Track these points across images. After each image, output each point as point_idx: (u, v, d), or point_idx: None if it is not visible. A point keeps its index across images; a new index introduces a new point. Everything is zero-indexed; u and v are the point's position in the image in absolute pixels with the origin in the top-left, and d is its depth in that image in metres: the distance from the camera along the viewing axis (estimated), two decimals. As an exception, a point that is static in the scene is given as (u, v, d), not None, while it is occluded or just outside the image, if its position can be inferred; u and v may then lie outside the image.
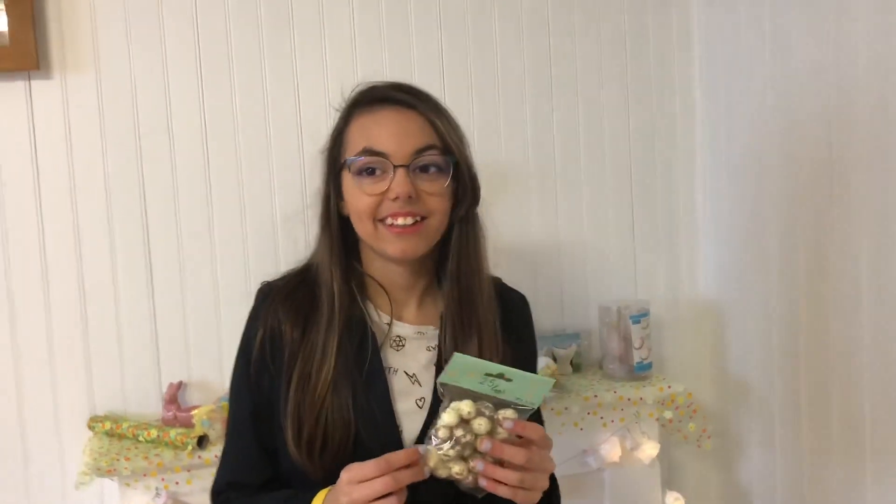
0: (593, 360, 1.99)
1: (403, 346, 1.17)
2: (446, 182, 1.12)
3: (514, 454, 0.97)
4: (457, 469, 0.96)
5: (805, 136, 1.70)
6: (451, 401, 0.99)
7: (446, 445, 0.96)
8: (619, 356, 1.86)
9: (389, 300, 1.18)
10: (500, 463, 0.97)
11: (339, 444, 1.08)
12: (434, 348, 1.18)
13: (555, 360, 1.87)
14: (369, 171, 1.11)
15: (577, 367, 1.93)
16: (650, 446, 1.81)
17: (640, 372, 1.85)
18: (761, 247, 1.86)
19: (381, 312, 1.18)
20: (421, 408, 1.14)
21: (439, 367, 1.15)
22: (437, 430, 0.97)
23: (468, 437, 0.96)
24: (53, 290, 1.67)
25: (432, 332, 1.19)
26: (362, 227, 1.13)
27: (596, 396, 1.76)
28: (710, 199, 2.05)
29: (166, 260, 1.73)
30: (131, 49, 1.69)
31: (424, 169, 1.11)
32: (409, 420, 1.13)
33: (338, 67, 1.81)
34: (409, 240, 1.11)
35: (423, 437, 1.08)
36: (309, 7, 1.79)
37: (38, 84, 1.65)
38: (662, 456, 1.85)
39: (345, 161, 1.13)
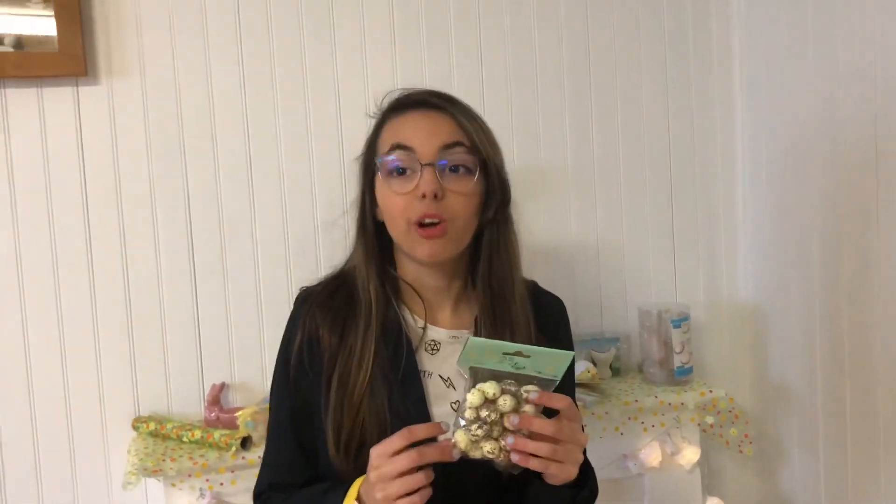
0: (632, 365, 1.98)
1: (438, 350, 1.18)
2: (473, 181, 1.12)
3: (543, 426, 0.96)
4: (488, 448, 0.96)
5: (849, 138, 1.67)
6: (474, 383, 0.99)
7: (474, 426, 0.96)
8: (659, 360, 1.85)
9: (423, 304, 1.18)
10: (531, 437, 0.97)
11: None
12: None
13: (594, 363, 1.87)
14: (399, 172, 1.12)
15: (616, 371, 1.93)
16: (691, 451, 1.80)
17: (680, 376, 1.83)
18: (803, 250, 1.83)
19: (415, 317, 1.19)
20: (456, 411, 1.12)
21: None
22: (462, 413, 0.97)
23: (494, 416, 0.96)
24: (99, 292, 1.70)
25: (467, 336, 1.17)
26: (395, 229, 1.14)
27: (636, 401, 1.75)
28: (750, 202, 2.03)
29: (210, 262, 1.75)
30: (176, 55, 1.72)
31: (453, 169, 1.11)
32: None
33: (377, 71, 1.82)
34: (435, 242, 1.11)
35: None
36: (350, 13, 1.80)
37: (85, 90, 1.68)
38: (703, 461, 1.83)
39: (377, 162, 1.14)
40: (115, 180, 1.70)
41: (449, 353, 1.17)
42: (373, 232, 1.18)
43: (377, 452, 0.98)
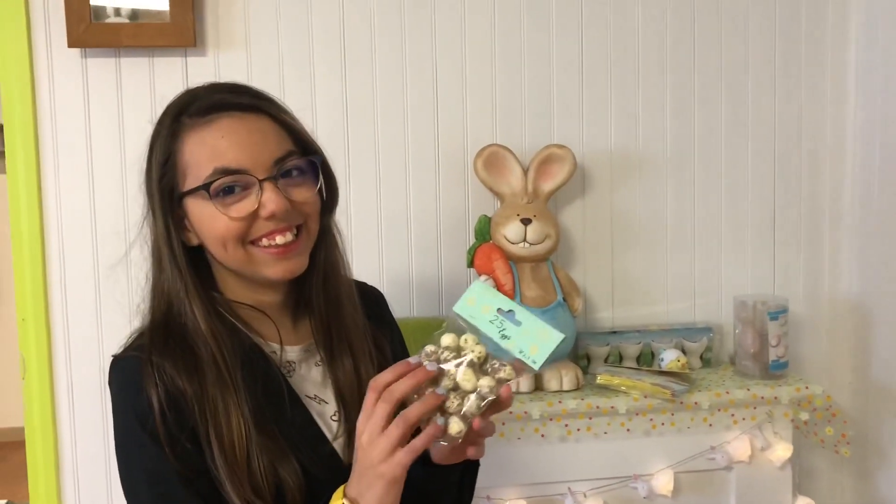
0: (724, 356, 1.93)
1: (294, 370, 1.06)
2: (317, 184, 1.01)
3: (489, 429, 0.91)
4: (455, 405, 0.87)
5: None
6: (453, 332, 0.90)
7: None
8: (753, 353, 1.79)
9: (274, 324, 1.04)
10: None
11: (293, 484, 0.96)
12: (321, 363, 1.08)
13: (684, 352, 1.82)
14: (227, 191, 0.95)
15: (706, 361, 1.88)
16: (783, 448, 1.74)
17: (775, 371, 1.77)
18: (917, 246, 1.74)
19: (266, 340, 1.04)
20: (337, 420, 1.05)
21: (334, 378, 1.06)
22: (431, 353, 0.88)
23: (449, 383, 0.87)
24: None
25: (315, 347, 1.08)
26: (229, 255, 0.98)
27: (728, 393, 1.70)
28: (858, 193, 1.93)
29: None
30: (280, 29, 1.75)
31: (289, 175, 0.98)
32: (338, 437, 1.04)
33: (475, 45, 1.81)
34: (293, 258, 0.99)
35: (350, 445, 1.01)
36: (451, -13, 1.80)
37: (193, 60, 1.73)
38: (795, 459, 1.77)
39: (192, 189, 0.96)
40: (218, 149, 1.75)
41: (305, 370, 1.07)
42: (185, 262, 1.00)
43: (367, 434, 0.86)
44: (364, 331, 1.09)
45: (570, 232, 1.86)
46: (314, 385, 1.07)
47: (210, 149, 0.96)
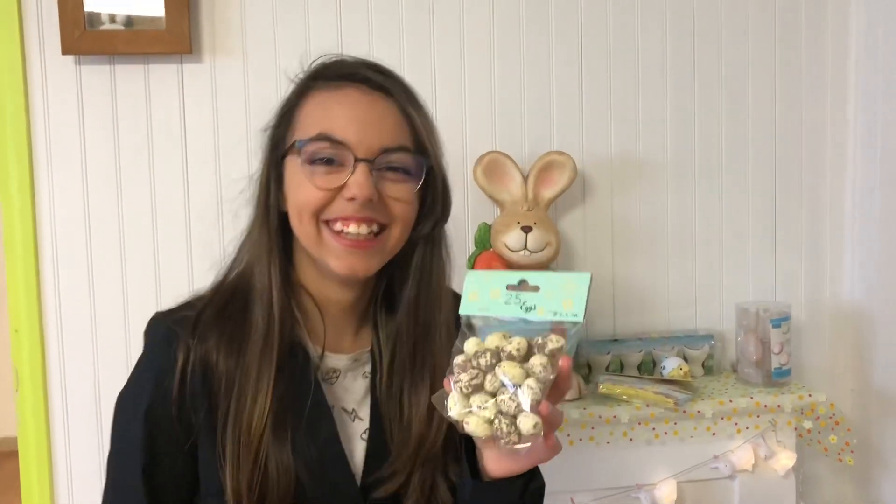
0: (726, 364, 1.91)
1: (336, 378, 0.99)
2: (416, 187, 0.93)
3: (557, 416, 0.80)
4: (479, 402, 0.77)
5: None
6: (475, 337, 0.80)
7: (465, 378, 0.78)
8: (755, 361, 1.78)
9: (324, 323, 0.97)
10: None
11: (280, 494, 0.90)
12: (369, 375, 1.00)
13: (686, 360, 1.81)
14: (324, 161, 0.91)
15: (708, 369, 1.86)
16: (786, 456, 1.72)
17: (777, 378, 1.76)
18: (920, 252, 1.73)
19: (312, 340, 0.98)
20: (365, 440, 0.98)
21: (374, 395, 0.98)
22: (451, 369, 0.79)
23: (490, 360, 0.78)
24: (196, 267, 1.74)
25: (367, 357, 1.01)
26: (303, 229, 0.92)
27: (731, 401, 1.68)
28: (860, 198, 1.92)
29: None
30: (277, 36, 1.73)
31: (391, 169, 0.92)
32: (359, 460, 0.96)
33: (479, 54, 1.79)
34: (361, 256, 0.91)
35: (369, 473, 0.95)
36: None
37: (189, 67, 1.71)
38: (798, 467, 1.75)
39: (293, 143, 0.92)
40: (214, 157, 1.73)
41: (350, 381, 0.99)
42: (277, 226, 0.95)
43: None
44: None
45: (570, 239, 1.85)
46: (354, 399, 0.99)
47: (324, 112, 0.92)
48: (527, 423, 0.75)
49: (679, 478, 1.69)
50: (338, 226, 0.91)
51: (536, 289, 0.80)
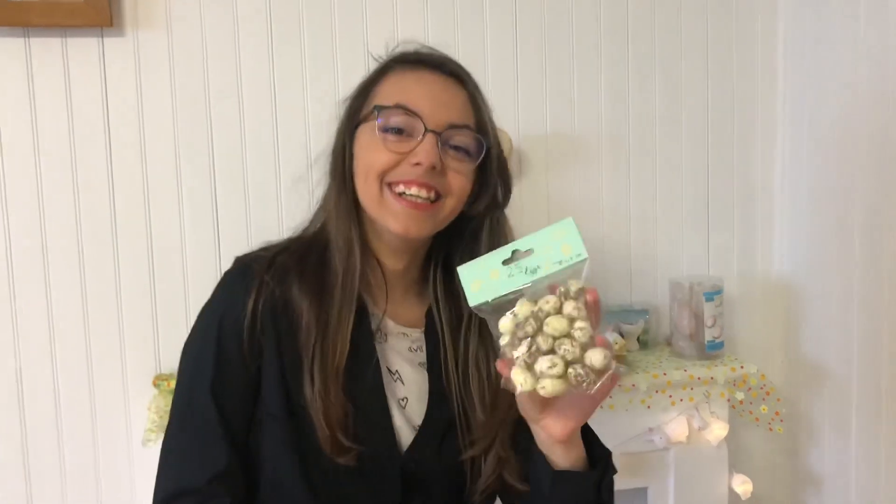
0: (661, 338, 1.94)
1: (385, 340, 1.07)
2: (474, 164, 1.02)
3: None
4: (546, 366, 0.77)
5: (900, 109, 1.60)
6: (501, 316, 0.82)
7: (521, 348, 0.79)
8: (689, 334, 1.80)
9: (386, 286, 1.07)
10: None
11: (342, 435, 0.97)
12: (417, 350, 1.08)
13: (622, 335, 1.82)
14: (396, 130, 0.99)
15: (644, 343, 1.88)
16: (719, 427, 1.76)
17: (711, 351, 1.79)
18: (844, 224, 1.77)
19: (370, 299, 1.06)
20: (404, 408, 1.05)
21: (431, 374, 1.06)
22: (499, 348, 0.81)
23: (534, 326, 0.79)
24: (122, 248, 1.68)
25: (416, 335, 1.08)
26: (367, 188, 1.00)
27: (665, 374, 1.71)
28: (789, 172, 1.96)
29: (234, 221, 1.72)
30: (203, 8, 1.68)
31: (455, 147, 1.00)
32: (398, 418, 1.04)
33: (408, 27, 1.76)
34: (417, 219, 0.98)
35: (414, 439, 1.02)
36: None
37: (110, 41, 1.64)
38: (731, 437, 1.79)
39: (373, 109, 1.00)
40: (139, 134, 1.67)
41: (395, 342, 1.07)
42: (352, 188, 1.03)
43: None
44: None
45: (506, 215, 1.83)
46: (398, 360, 1.06)
47: (401, 88, 1.01)
48: (597, 357, 0.78)
49: (614, 450, 1.69)
50: (400, 188, 0.98)
51: (530, 252, 0.83)
